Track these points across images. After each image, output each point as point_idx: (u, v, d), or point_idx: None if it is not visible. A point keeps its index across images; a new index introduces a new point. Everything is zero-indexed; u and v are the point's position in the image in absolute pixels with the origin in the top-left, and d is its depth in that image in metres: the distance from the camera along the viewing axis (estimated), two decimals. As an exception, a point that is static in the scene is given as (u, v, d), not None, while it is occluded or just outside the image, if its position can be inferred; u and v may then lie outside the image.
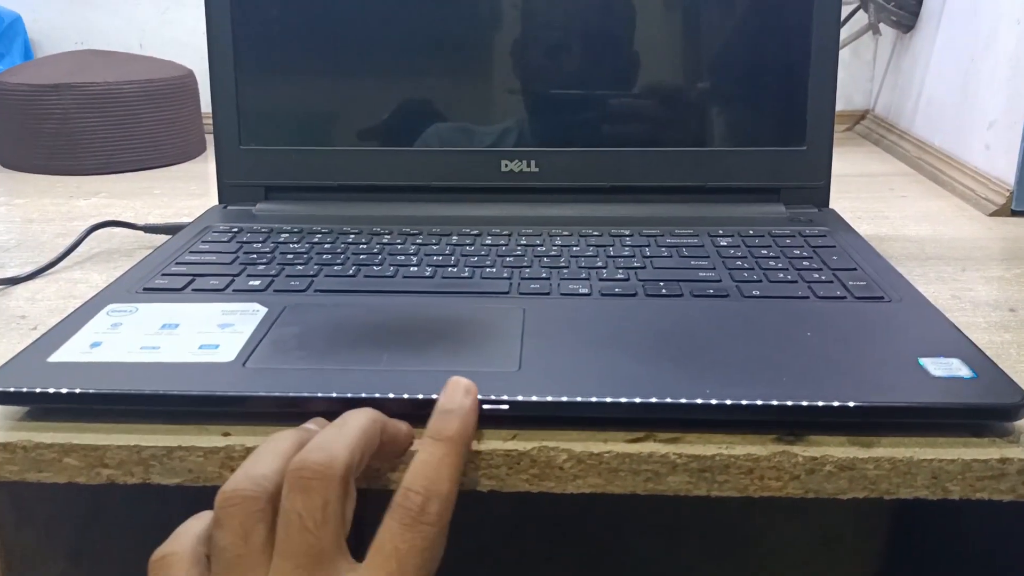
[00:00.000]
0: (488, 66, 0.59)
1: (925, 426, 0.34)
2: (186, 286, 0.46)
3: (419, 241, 0.52)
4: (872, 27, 1.00)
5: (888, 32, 1.00)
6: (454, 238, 0.53)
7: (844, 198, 0.68)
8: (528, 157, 0.58)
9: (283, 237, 0.53)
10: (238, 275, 0.47)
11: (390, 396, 0.34)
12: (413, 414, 0.34)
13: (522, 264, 0.48)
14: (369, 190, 0.59)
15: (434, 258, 0.49)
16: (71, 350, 0.38)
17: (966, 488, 0.33)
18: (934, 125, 0.84)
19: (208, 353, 0.38)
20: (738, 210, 0.57)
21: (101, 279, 0.54)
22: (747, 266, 0.48)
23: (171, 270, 0.48)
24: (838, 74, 0.56)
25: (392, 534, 0.29)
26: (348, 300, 0.44)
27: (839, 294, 0.44)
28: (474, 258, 0.49)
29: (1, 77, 0.86)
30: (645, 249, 0.51)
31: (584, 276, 0.47)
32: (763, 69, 0.58)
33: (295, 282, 0.46)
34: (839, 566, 0.88)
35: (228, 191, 0.60)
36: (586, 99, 0.59)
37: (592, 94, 0.59)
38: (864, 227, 0.59)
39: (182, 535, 0.31)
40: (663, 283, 0.45)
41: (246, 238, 0.53)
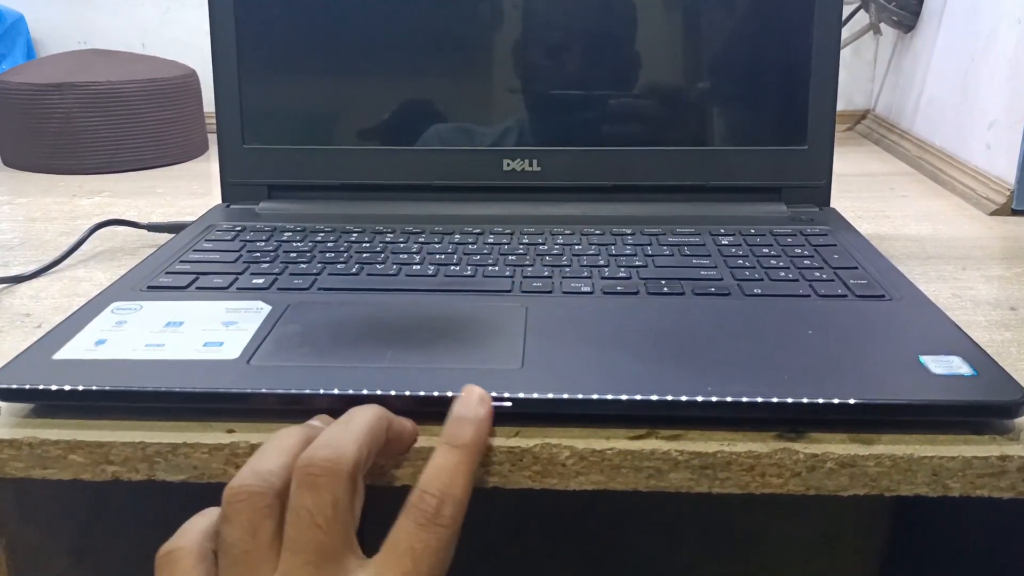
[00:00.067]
0: (490, 66, 0.59)
1: (926, 423, 0.34)
2: (190, 284, 0.46)
3: (422, 240, 0.52)
4: (873, 27, 1.00)
5: (889, 32, 1.01)
6: (456, 237, 0.53)
7: (845, 197, 0.69)
8: (530, 156, 0.58)
9: (286, 236, 0.53)
10: (242, 273, 0.47)
11: (393, 393, 0.34)
12: (417, 411, 0.35)
13: (524, 263, 0.48)
14: (372, 189, 0.60)
15: (437, 257, 0.49)
16: (76, 348, 0.38)
17: (966, 485, 0.33)
18: (935, 125, 0.85)
19: (212, 351, 0.38)
20: (739, 209, 0.57)
21: (105, 277, 0.54)
22: (748, 265, 0.48)
23: (175, 268, 0.48)
24: (839, 74, 0.57)
25: (407, 533, 0.30)
26: (351, 298, 0.44)
27: (840, 292, 0.44)
28: (476, 257, 0.49)
29: (4, 77, 0.86)
30: (647, 248, 0.51)
31: (586, 275, 0.47)
32: (764, 69, 0.58)
33: (298, 280, 0.46)
34: (840, 564, 0.88)
35: (231, 190, 0.60)
36: (587, 98, 0.59)
37: (593, 93, 0.59)
38: (865, 226, 0.59)
39: (189, 531, 0.31)
40: (665, 282, 0.46)
41: (249, 237, 0.53)
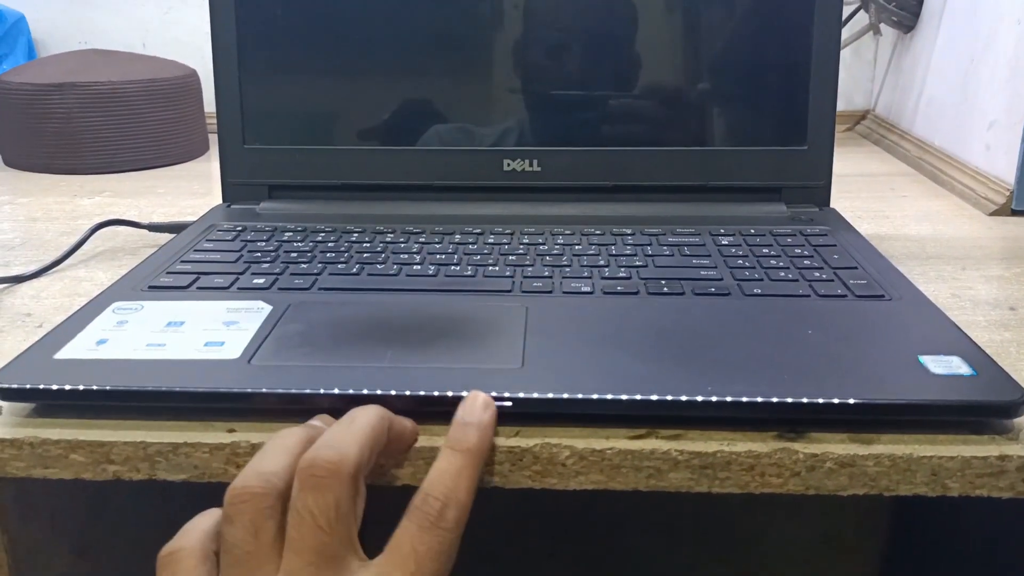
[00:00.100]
0: (490, 66, 0.59)
1: (925, 423, 0.35)
2: (191, 284, 0.46)
3: (422, 240, 0.52)
4: (873, 27, 1.00)
5: (889, 32, 1.01)
6: (457, 237, 0.53)
7: (845, 197, 0.69)
8: (530, 156, 0.59)
9: (287, 236, 0.54)
10: (242, 273, 0.47)
11: (393, 393, 0.35)
12: (417, 410, 0.35)
13: (524, 263, 0.49)
14: (372, 189, 0.60)
15: (437, 257, 0.49)
16: (77, 347, 0.38)
17: (965, 485, 0.34)
18: (934, 125, 0.85)
19: (213, 350, 0.38)
20: (739, 209, 0.58)
21: (106, 277, 0.54)
22: (748, 265, 0.48)
23: (176, 268, 0.48)
24: (839, 74, 0.57)
25: (411, 536, 0.30)
26: (352, 298, 0.44)
27: (840, 292, 0.44)
28: (477, 256, 0.49)
29: (5, 76, 0.86)
30: (647, 248, 0.51)
31: (586, 275, 0.47)
32: (764, 69, 0.58)
33: (299, 280, 0.46)
34: (839, 564, 0.88)
35: (232, 190, 0.61)
36: (588, 99, 0.59)
37: (594, 94, 0.59)
38: (865, 226, 0.59)
39: (191, 531, 0.31)
40: (665, 281, 0.46)
41: (250, 237, 0.53)
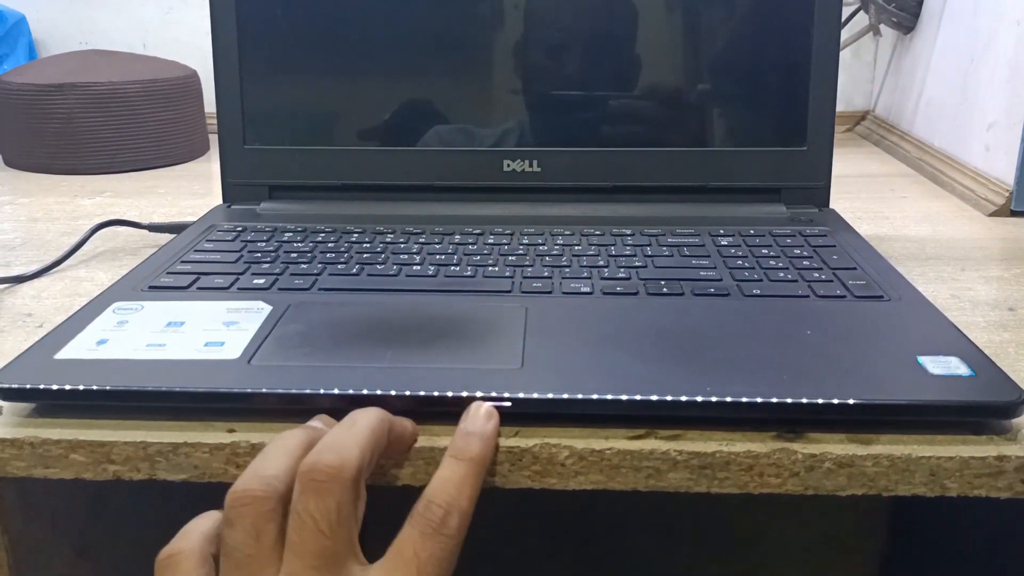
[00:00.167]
0: (490, 67, 0.59)
1: (923, 424, 0.35)
2: (191, 284, 0.46)
3: (422, 240, 0.52)
4: (873, 28, 1.00)
5: (888, 33, 1.01)
6: (457, 237, 0.53)
7: (844, 198, 0.69)
8: (530, 157, 0.59)
9: (287, 236, 0.54)
10: (243, 273, 0.47)
11: (393, 393, 0.35)
12: (417, 411, 0.35)
13: (524, 263, 0.49)
14: (372, 189, 0.60)
15: (437, 257, 0.49)
16: (77, 347, 0.38)
17: (964, 485, 0.34)
18: (934, 126, 0.85)
19: (213, 350, 0.38)
20: (739, 210, 0.58)
21: (106, 277, 0.54)
22: (748, 265, 0.48)
23: (176, 268, 0.48)
24: (839, 75, 0.57)
25: (413, 541, 0.30)
26: (352, 298, 0.44)
27: (839, 293, 0.44)
28: (476, 257, 0.50)
29: (6, 77, 0.86)
30: (646, 248, 0.51)
31: (586, 275, 0.47)
32: (764, 70, 0.58)
33: (299, 280, 0.46)
34: (839, 564, 0.88)
35: (232, 190, 0.61)
36: (588, 99, 0.59)
37: (594, 95, 0.59)
38: (864, 227, 0.59)
39: (189, 534, 0.31)
40: (664, 282, 0.46)
41: (250, 237, 0.54)
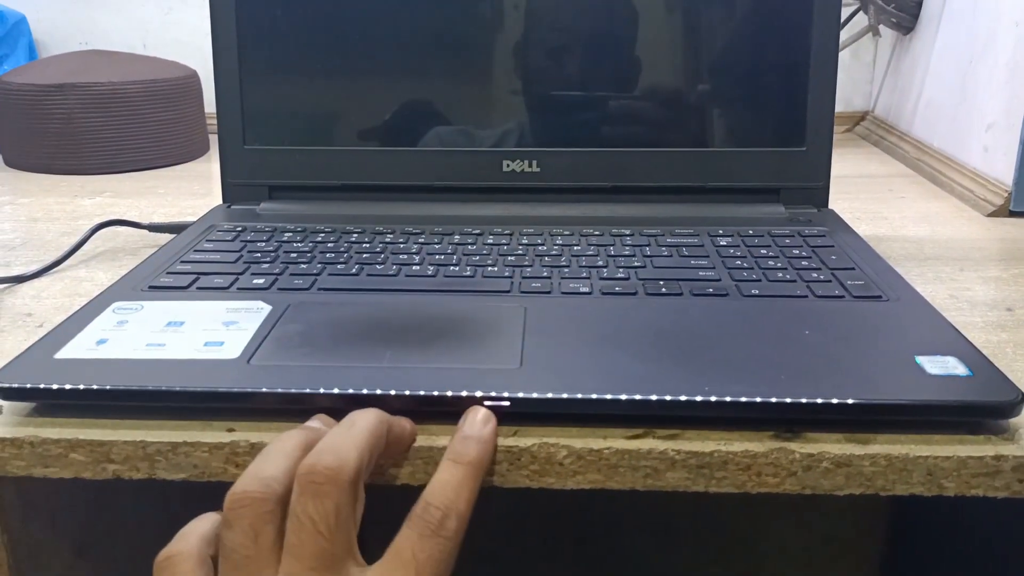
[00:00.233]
0: (490, 67, 0.60)
1: (921, 423, 0.35)
2: (191, 284, 0.46)
3: (421, 240, 0.53)
4: (872, 29, 1.00)
5: (888, 34, 1.01)
6: (456, 237, 0.53)
7: (843, 199, 0.69)
8: (529, 157, 0.59)
9: (287, 236, 0.54)
10: (242, 273, 0.48)
11: (392, 393, 0.35)
12: (416, 410, 0.35)
13: (523, 263, 0.49)
14: (372, 190, 0.60)
15: (436, 257, 0.50)
16: (77, 347, 0.39)
17: (961, 485, 0.34)
18: (933, 127, 0.85)
19: (213, 350, 0.38)
20: (738, 210, 0.58)
21: (106, 277, 0.54)
22: (746, 265, 0.48)
23: (176, 268, 0.48)
24: (838, 76, 0.57)
25: (411, 543, 0.30)
26: (351, 298, 0.45)
27: (837, 293, 0.44)
28: (476, 257, 0.50)
29: (6, 77, 0.87)
30: (645, 248, 0.51)
31: (585, 275, 0.47)
32: (763, 70, 0.58)
33: (299, 280, 0.46)
34: (838, 565, 0.88)
35: (232, 190, 0.61)
36: (587, 100, 0.59)
37: (593, 95, 0.59)
38: (863, 227, 0.59)
39: (188, 535, 0.31)
40: (663, 282, 0.46)
41: (250, 237, 0.54)
